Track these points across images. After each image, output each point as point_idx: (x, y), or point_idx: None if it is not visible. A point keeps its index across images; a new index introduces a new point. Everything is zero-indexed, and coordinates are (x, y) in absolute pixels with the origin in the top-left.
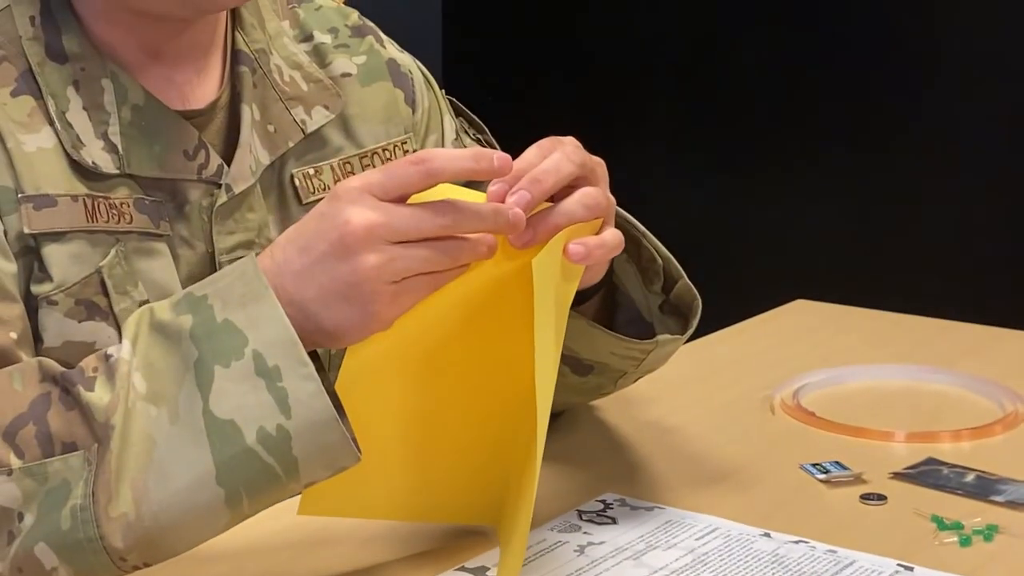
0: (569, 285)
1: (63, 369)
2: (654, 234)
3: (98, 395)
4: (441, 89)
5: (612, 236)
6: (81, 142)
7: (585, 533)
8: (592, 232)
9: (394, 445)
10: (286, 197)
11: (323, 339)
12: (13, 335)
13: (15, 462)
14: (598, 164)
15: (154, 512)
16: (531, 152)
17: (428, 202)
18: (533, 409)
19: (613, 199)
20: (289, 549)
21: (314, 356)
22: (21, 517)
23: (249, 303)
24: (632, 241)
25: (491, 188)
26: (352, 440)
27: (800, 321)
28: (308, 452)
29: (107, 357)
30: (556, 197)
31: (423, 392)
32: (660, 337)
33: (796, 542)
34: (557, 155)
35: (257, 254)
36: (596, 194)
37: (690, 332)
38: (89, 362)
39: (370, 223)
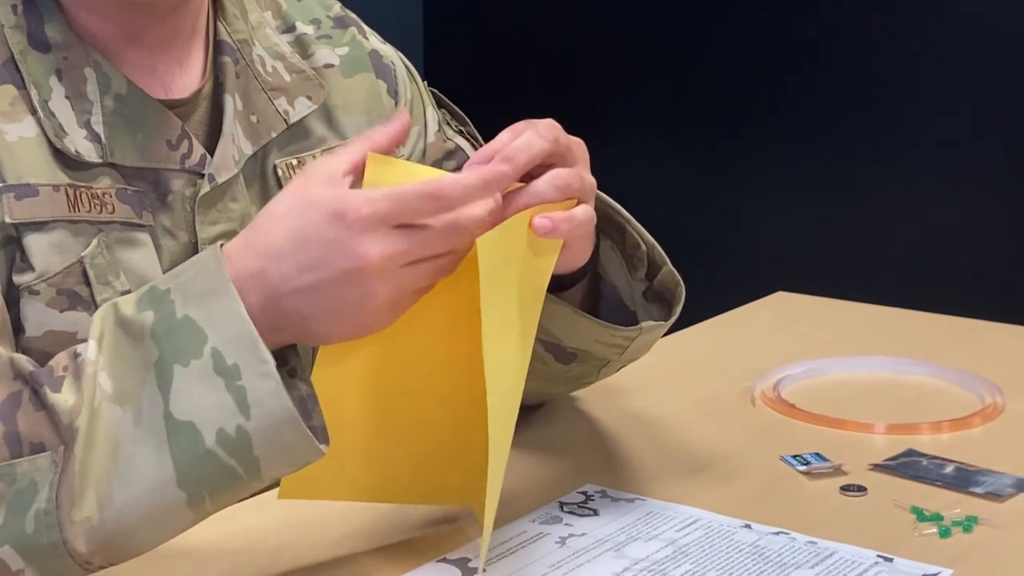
0: (542, 260)
1: (32, 368)
2: None
3: (63, 397)
4: (423, 81)
5: (582, 211)
6: (64, 131)
7: (566, 525)
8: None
9: (371, 426)
10: (269, 187)
11: (306, 340)
12: None
13: None
14: (576, 144)
15: (116, 516)
16: (504, 135)
17: (431, 225)
18: (504, 388)
19: (593, 180)
20: (269, 541)
21: (291, 349)
22: None
23: (208, 298)
24: (616, 228)
25: (466, 170)
26: (314, 436)
27: (781, 313)
28: (269, 451)
29: (75, 356)
30: (529, 178)
31: (398, 372)
32: (644, 324)
33: (776, 533)
34: (528, 133)
35: (222, 245)
36: (568, 175)
37: (674, 319)
38: (60, 360)
39: (387, 256)
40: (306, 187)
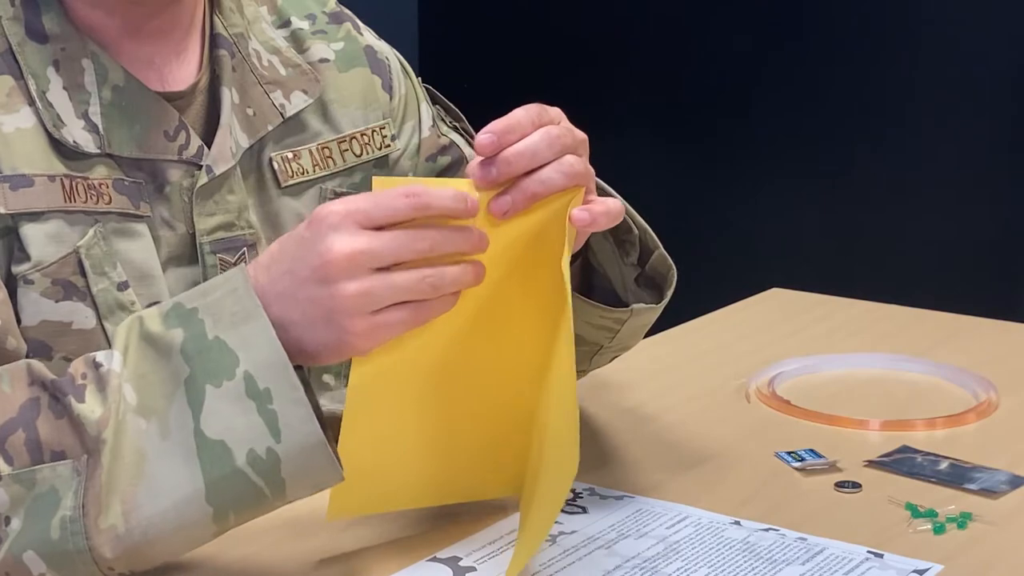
0: (562, 252)
1: (52, 376)
2: None
3: (89, 407)
4: (418, 77)
5: (615, 204)
6: (62, 121)
7: (556, 523)
8: (576, 204)
9: (413, 431)
10: (265, 180)
11: (304, 359)
12: None
13: (4, 468)
14: (580, 143)
15: (143, 526)
16: (519, 116)
17: (408, 228)
18: (547, 375)
19: (592, 170)
20: (256, 542)
21: (299, 370)
22: (8, 521)
23: (240, 323)
24: None
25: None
26: (337, 461)
27: (775, 310)
28: (295, 474)
29: (97, 366)
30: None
31: (435, 374)
32: (635, 306)
33: (766, 530)
34: (538, 138)
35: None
36: (574, 161)
37: (665, 302)
38: (78, 368)
39: (352, 251)
40: None
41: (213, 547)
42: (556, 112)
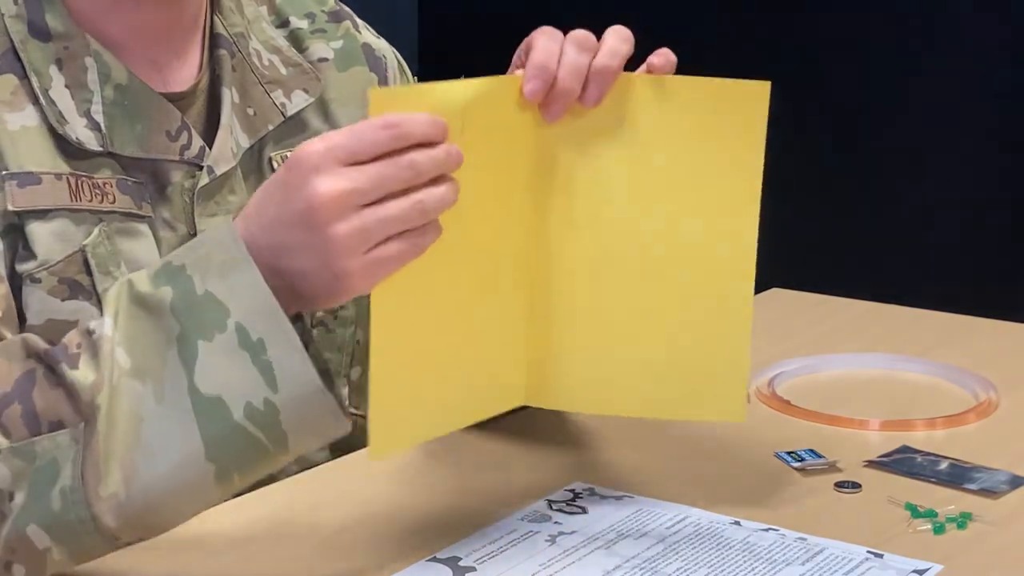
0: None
1: (46, 346)
2: None
3: (83, 373)
4: (416, 77)
5: (661, 50)
6: (64, 119)
7: (556, 523)
8: None
9: (438, 353)
10: (265, 180)
11: (302, 304)
12: None
13: (2, 442)
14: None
15: (144, 491)
16: (541, 42)
17: (388, 159)
18: (581, 267)
19: None
20: (257, 541)
21: (298, 319)
22: (11, 496)
23: (229, 272)
24: None
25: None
26: (341, 408)
27: (776, 310)
28: (296, 425)
29: (90, 333)
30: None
31: (447, 292)
32: None
33: (766, 530)
34: (572, 53)
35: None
36: (619, 28)
37: None
38: (72, 338)
39: (338, 191)
40: None
41: (211, 546)
42: (558, 33)
